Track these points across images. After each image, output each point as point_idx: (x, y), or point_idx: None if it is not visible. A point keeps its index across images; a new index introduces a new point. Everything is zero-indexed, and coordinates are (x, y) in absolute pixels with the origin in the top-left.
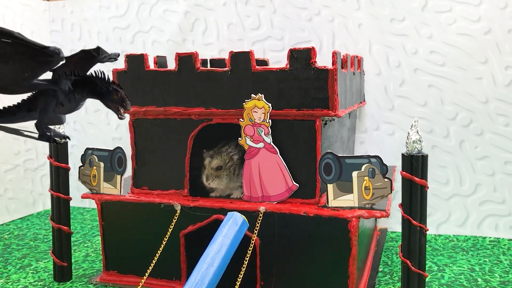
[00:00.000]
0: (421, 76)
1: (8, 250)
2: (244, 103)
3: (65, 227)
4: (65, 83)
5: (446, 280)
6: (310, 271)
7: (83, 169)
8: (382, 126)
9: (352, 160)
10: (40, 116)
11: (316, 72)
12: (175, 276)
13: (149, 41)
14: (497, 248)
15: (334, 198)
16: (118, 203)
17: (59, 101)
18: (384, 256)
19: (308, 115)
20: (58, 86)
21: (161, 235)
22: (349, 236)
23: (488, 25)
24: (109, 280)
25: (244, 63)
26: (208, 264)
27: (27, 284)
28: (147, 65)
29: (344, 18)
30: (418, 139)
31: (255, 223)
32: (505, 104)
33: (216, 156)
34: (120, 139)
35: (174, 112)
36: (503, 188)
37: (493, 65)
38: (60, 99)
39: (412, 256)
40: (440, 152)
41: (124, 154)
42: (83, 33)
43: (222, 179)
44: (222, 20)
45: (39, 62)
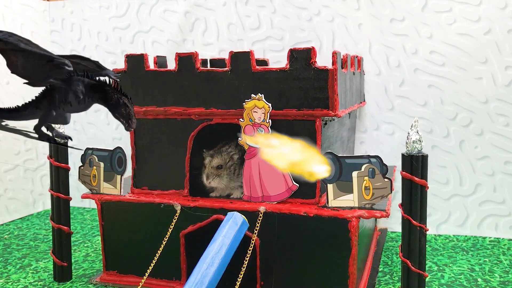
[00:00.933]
0: (421, 76)
1: (8, 250)
2: (244, 103)
3: (65, 227)
4: (77, 83)
5: (446, 280)
6: (310, 271)
7: (83, 169)
8: (382, 126)
9: (352, 160)
10: (43, 115)
11: (316, 72)
12: (175, 276)
13: (149, 41)
14: (497, 248)
15: (334, 198)
16: (118, 203)
17: (68, 99)
18: (384, 256)
19: (308, 115)
20: (69, 85)
21: (161, 235)
22: (349, 236)
23: (488, 25)
24: (109, 280)
25: (244, 63)
26: (208, 264)
27: (27, 284)
28: (147, 65)
29: (344, 18)
30: (418, 139)
31: (255, 223)
32: (505, 104)
33: (217, 155)
34: (120, 139)
35: (174, 112)
36: (503, 188)
37: (493, 65)
38: (69, 98)
39: (412, 256)
40: (440, 152)
41: (124, 154)
42: (83, 33)
43: (222, 178)
44: (222, 20)
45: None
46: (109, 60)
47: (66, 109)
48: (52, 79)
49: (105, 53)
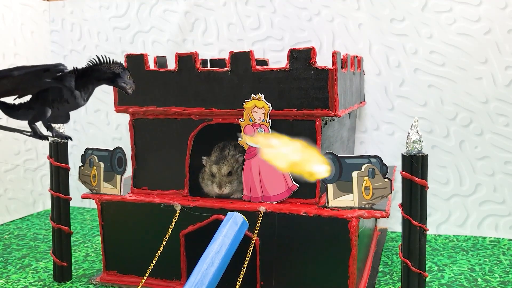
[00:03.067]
0: (421, 76)
1: (8, 250)
2: (244, 103)
3: (65, 227)
4: (69, 80)
5: (446, 280)
6: (310, 271)
7: (83, 169)
8: (382, 126)
9: (352, 160)
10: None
11: (316, 72)
12: (175, 276)
13: (149, 41)
14: (497, 248)
15: (334, 198)
16: (118, 203)
17: (64, 98)
18: (384, 256)
19: (308, 115)
20: (63, 83)
21: (161, 235)
22: (349, 236)
23: (488, 25)
24: (109, 280)
25: (244, 63)
26: (208, 264)
27: (27, 284)
28: (147, 65)
29: (344, 18)
30: (418, 139)
31: (255, 223)
32: (505, 104)
33: (223, 162)
34: (120, 139)
35: (174, 112)
36: (503, 188)
37: (493, 65)
38: (65, 96)
39: (412, 256)
40: (440, 152)
41: (124, 154)
42: (83, 33)
43: (233, 184)
44: (222, 20)
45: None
46: None
47: (64, 107)
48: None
49: (105, 53)
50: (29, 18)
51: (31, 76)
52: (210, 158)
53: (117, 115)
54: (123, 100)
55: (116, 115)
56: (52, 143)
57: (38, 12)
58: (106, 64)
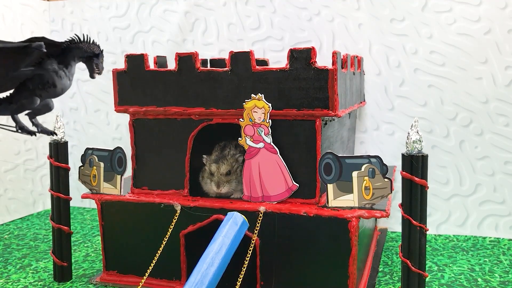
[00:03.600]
0: (421, 76)
1: (8, 250)
2: (244, 103)
3: (65, 227)
4: (50, 63)
5: (446, 280)
6: (310, 271)
7: (83, 169)
8: (382, 126)
9: (352, 160)
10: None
11: (316, 72)
12: (175, 276)
13: (149, 41)
14: (497, 248)
15: (334, 198)
16: (118, 203)
17: (48, 82)
18: (384, 256)
19: (308, 115)
20: (45, 68)
21: (161, 235)
22: (349, 236)
23: (488, 25)
24: (109, 280)
25: (244, 63)
26: (208, 264)
27: (27, 284)
28: (147, 65)
29: (344, 18)
30: (418, 139)
31: (255, 223)
32: (505, 104)
33: (223, 161)
34: (120, 139)
35: (174, 112)
36: (503, 188)
37: (493, 65)
38: (50, 81)
39: (412, 256)
40: (440, 152)
41: (124, 154)
42: (83, 33)
43: (231, 183)
44: (222, 20)
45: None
46: (109, 60)
47: (48, 93)
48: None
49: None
50: (29, 18)
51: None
52: (210, 157)
53: (117, 115)
54: (123, 100)
55: (116, 115)
56: (52, 143)
57: (38, 12)
58: (86, 43)
